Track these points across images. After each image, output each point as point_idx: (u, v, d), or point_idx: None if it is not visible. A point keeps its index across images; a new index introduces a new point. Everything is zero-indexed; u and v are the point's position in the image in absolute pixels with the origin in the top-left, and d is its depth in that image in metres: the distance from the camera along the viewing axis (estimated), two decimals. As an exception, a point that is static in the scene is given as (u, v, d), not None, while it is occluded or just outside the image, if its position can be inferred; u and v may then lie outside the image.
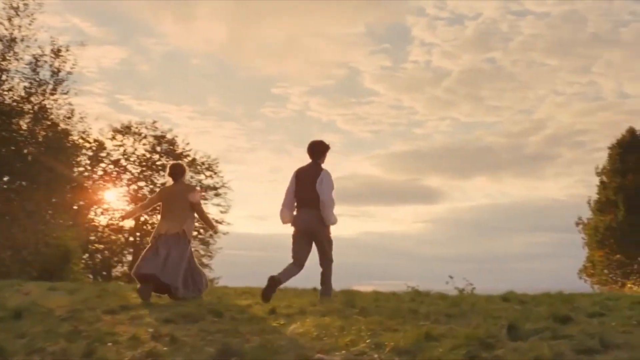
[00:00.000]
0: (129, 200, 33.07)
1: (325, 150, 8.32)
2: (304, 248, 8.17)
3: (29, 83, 23.35)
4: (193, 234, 8.75)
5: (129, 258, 33.26)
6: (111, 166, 33.01)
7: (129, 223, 33.19)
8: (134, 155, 33.31)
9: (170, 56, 63.21)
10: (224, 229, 33.85)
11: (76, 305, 6.82)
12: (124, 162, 33.24)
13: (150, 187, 33.27)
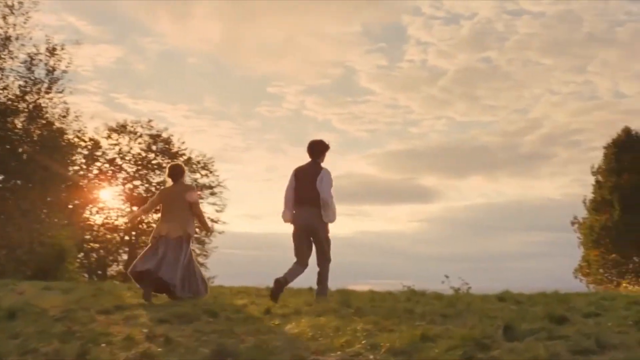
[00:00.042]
0: (124, 199, 33.04)
1: (324, 150, 8.36)
2: (304, 246, 8.18)
3: (23, 82, 23.28)
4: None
5: (124, 257, 33.20)
6: (106, 165, 32.93)
7: (124, 222, 33.17)
8: (129, 154, 33.26)
9: (166, 55, 63.25)
10: (220, 228, 33.85)
11: (70, 305, 6.80)
12: (119, 161, 33.18)
13: (146, 186, 33.25)
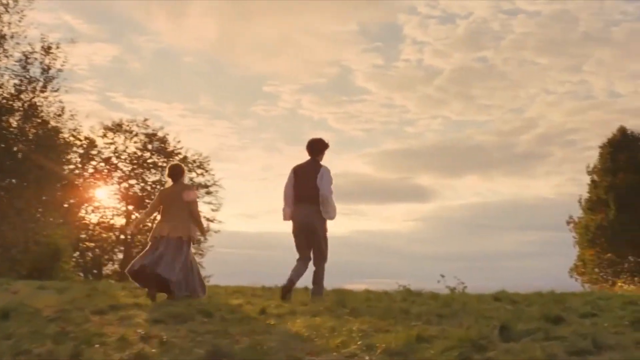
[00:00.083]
0: (119, 198, 32.98)
1: (324, 148, 8.43)
2: (305, 242, 8.25)
3: (19, 80, 23.21)
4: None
5: (119, 256, 33.14)
6: (102, 164, 32.85)
7: (120, 221, 33.15)
8: (125, 153, 33.18)
9: (162, 54, 62.90)
10: (215, 227, 33.78)
11: (64, 305, 6.76)
12: (115, 160, 33.10)
13: (141, 185, 33.20)
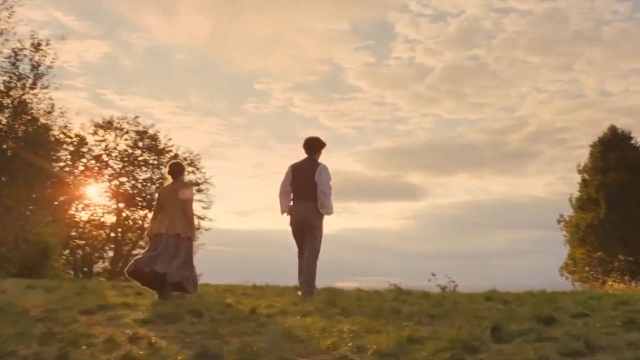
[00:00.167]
0: (110, 195, 32.78)
1: (321, 147, 8.57)
2: (302, 238, 8.33)
3: (8, 77, 22.92)
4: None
5: (110, 254, 32.96)
6: (93, 161, 32.59)
7: (110, 219, 32.99)
8: (115, 151, 32.93)
9: (153, 51, 62.77)
10: (206, 225, 33.61)
11: (53, 305, 6.67)
12: (105, 158, 32.84)
13: (132, 183, 33.00)
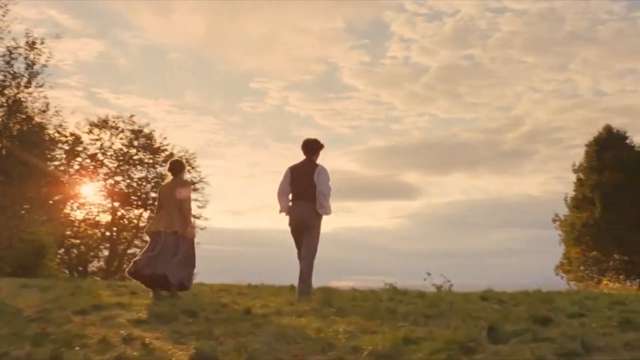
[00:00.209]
0: (105, 194, 32.68)
1: (319, 148, 8.60)
2: (301, 239, 8.31)
3: (2, 76, 22.84)
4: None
5: (105, 253, 32.87)
6: (88, 160, 32.50)
7: (106, 218, 32.90)
8: (110, 150, 32.82)
9: (149, 50, 62.72)
10: (202, 224, 33.52)
11: (46, 305, 6.62)
12: (100, 157, 32.72)
13: (127, 182, 32.91)
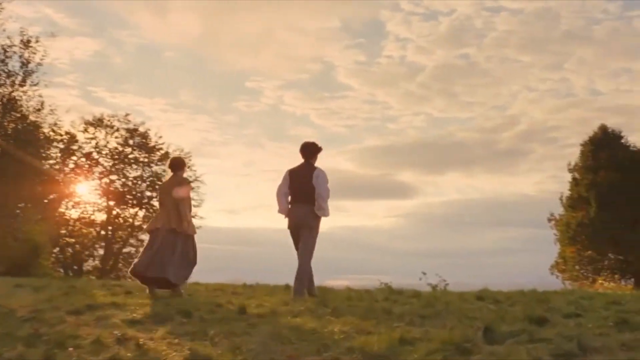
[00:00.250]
0: (100, 193, 32.61)
1: (317, 152, 8.68)
2: (300, 241, 8.41)
3: (-3, 74, 22.83)
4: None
5: (100, 252, 32.81)
6: (83, 159, 32.43)
7: (101, 217, 32.83)
8: (106, 148, 32.78)
9: (144, 49, 62.63)
10: (197, 223, 33.41)
11: (40, 305, 6.59)
12: (95, 155, 32.67)
13: (122, 181, 32.85)
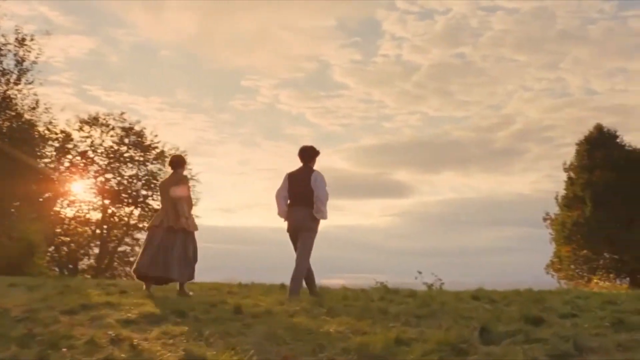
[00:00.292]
0: (96, 192, 32.54)
1: (315, 155, 8.73)
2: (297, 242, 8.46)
3: (-9, 72, 22.78)
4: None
5: (95, 251, 32.76)
6: (78, 158, 32.36)
7: (96, 215, 32.75)
8: (101, 147, 32.72)
9: (140, 47, 62.54)
10: (193, 222, 33.42)
11: (34, 304, 6.55)
12: (91, 154, 32.61)
13: (118, 179, 32.79)
